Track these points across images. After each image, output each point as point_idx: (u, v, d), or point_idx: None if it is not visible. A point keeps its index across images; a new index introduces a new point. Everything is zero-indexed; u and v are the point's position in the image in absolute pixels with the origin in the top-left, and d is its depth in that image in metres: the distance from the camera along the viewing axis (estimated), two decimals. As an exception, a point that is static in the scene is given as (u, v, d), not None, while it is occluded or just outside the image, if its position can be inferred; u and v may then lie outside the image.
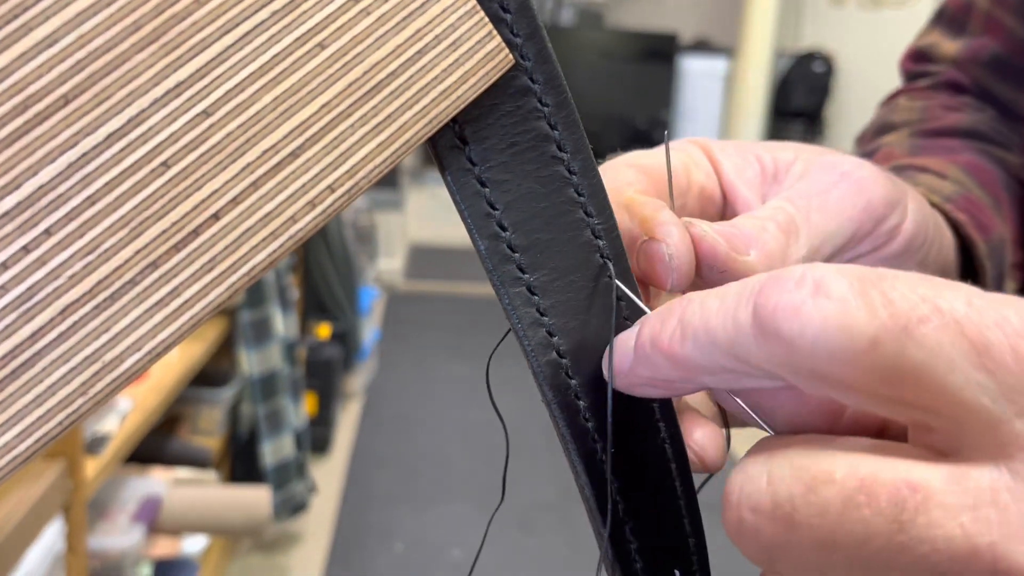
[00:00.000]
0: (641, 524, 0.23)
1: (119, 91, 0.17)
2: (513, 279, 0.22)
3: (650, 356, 0.20)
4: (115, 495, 1.56)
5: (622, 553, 0.22)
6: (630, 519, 0.23)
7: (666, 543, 0.23)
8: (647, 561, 0.23)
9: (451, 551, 2.04)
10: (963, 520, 0.15)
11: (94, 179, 0.17)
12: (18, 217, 0.17)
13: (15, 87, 0.17)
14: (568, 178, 0.22)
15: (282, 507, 1.90)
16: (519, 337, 0.22)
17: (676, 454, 0.23)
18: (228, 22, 0.18)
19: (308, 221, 0.19)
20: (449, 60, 0.20)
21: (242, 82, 0.18)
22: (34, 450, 0.17)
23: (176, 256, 0.18)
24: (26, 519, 1.01)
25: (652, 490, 0.23)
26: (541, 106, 0.22)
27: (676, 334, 0.19)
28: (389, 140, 0.19)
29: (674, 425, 0.23)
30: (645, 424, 0.23)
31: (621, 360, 0.21)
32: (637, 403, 0.22)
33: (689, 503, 0.23)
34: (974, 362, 0.15)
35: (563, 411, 0.22)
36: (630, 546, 0.23)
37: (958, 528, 0.15)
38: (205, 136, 0.18)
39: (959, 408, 0.15)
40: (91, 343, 0.17)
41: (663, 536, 0.23)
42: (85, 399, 0.17)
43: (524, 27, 0.21)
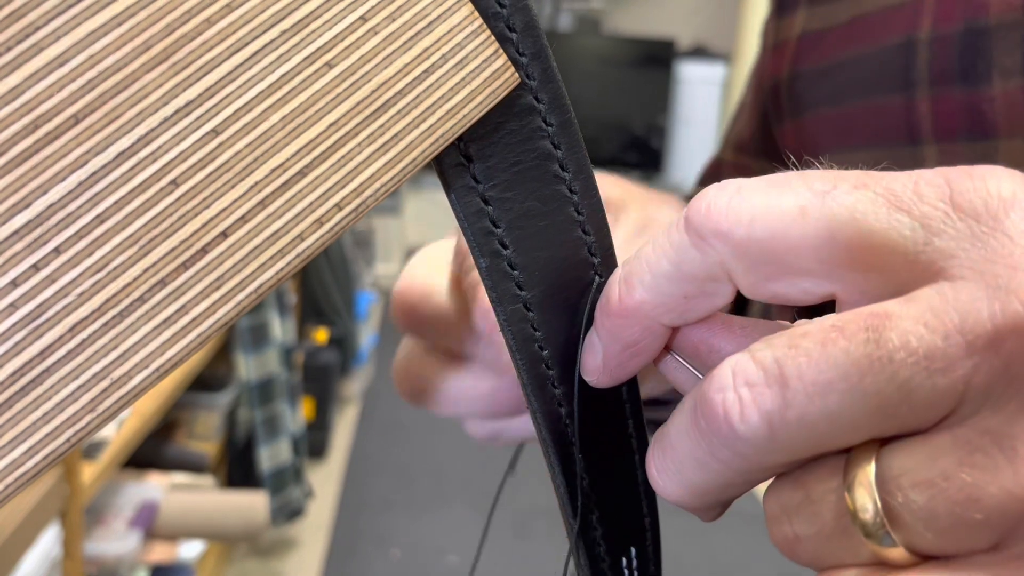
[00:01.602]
0: (605, 513, 0.24)
1: (129, 110, 0.17)
2: (512, 296, 0.22)
3: (607, 326, 0.21)
4: (112, 500, 1.56)
5: (588, 539, 0.24)
6: (597, 509, 0.24)
7: (625, 526, 0.25)
8: (609, 544, 0.24)
9: (448, 556, 2.03)
10: (926, 319, 0.16)
11: (104, 198, 0.17)
12: (28, 235, 0.17)
13: (26, 107, 0.17)
14: (569, 197, 0.22)
15: (279, 512, 1.90)
16: (511, 351, 0.23)
17: (640, 445, 0.25)
18: (237, 42, 0.18)
19: (315, 239, 0.19)
20: (456, 79, 0.20)
21: (251, 101, 0.18)
22: (42, 467, 0.17)
23: (185, 274, 0.18)
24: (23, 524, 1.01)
25: (617, 481, 0.24)
26: (545, 125, 0.22)
27: (623, 289, 0.20)
28: (396, 158, 0.20)
29: (638, 410, 0.25)
30: (617, 421, 0.24)
31: (593, 356, 0.22)
32: (612, 403, 0.24)
33: (647, 487, 0.25)
34: (889, 205, 0.17)
35: (546, 418, 0.23)
36: (595, 533, 0.24)
37: (923, 327, 0.16)
38: (214, 155, 0.18)
39: (885, 249, 0.17)
40: (100, 360, 0.18)
41: (624, 520, 0.25)
42: (93, 416, 0.18)
43: (530, 46, 0.21)
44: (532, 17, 0.21)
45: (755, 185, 0.18)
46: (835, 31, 0.40)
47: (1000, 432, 0.16)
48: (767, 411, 0.17)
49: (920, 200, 0.17)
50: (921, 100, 0.34)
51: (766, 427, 0.17)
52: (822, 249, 0.17)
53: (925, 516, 0.16)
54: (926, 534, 0.16)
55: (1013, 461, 0.15)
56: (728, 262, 0.19)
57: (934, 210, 0.17)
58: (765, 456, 0.18)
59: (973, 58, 0.33)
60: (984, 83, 0.32)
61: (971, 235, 0.16)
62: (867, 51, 0.37)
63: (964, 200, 0.17)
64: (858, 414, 0.17)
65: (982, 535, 0.16)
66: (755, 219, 0.18)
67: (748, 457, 0.18)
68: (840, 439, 0.17)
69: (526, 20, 0.21)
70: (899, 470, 0.16)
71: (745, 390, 0.17)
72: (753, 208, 0.18)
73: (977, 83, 0.32)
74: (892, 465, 0.17)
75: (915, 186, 0.17)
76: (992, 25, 0.32)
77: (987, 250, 0.16)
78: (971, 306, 0.16)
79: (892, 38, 0.36)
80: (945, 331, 0.16)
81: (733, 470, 0.18)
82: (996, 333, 0.16)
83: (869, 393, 0.16)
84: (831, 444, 0.17)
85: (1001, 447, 0.16)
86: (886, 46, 0.36)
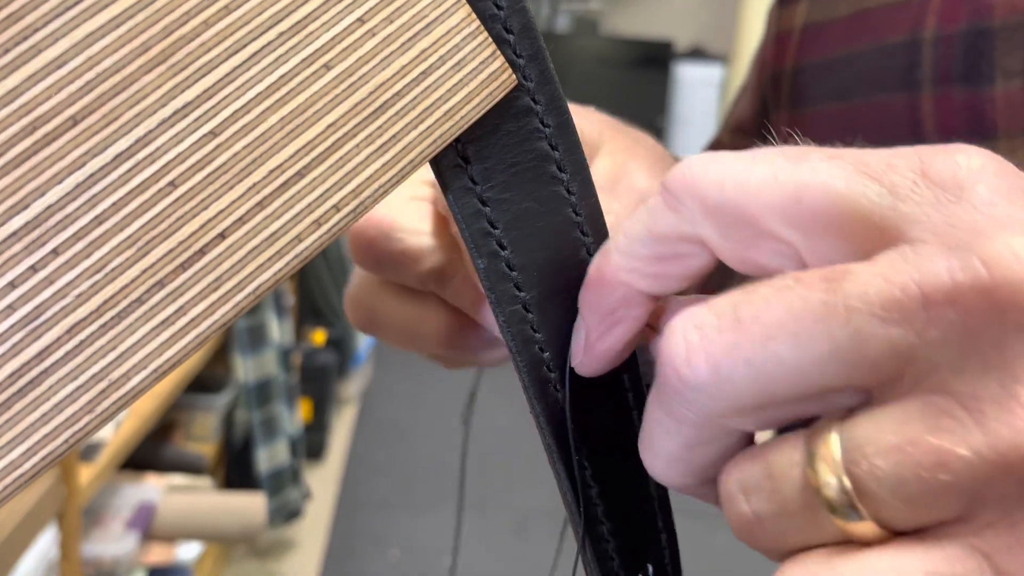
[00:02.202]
0: (617, 525, 0.24)
1: (127, 112, 0.17)
2: (510, 297, 0.22)
3: (587, 299, 0.21)
4: (109, 502, 1.56)
5: (600, 552, 0.23)
6: (608, 520, 0.24)
7: (640, 540, 0.24)
8: (623, 558, 0.24)
9: (446, 557, 2.03)
10: (885, 272, 0.16)
11: (102, 199, 0.17)
12: (26, 237, 0.17)
13: (24, 108, 0.17)
14: (567, 198, 0.22)
15: (277, 514, 1.90)
16: (512, 353, 0.23)
17: None
18: (235, 43, 0.18)
19: (313, 240, 0.19)
20: (453, 80, 0.20)
21: (249, 102, 0.18)
22: (40, 468, 0.17)
23: (183, 275, 0.18)
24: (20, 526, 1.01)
25: (628, 491, 0.24)
26: (543, 127, 0.22)
27: (599, 257, 0.21)
28: (394, 160, 0.20)
29: None
30: (624, 429, 0.24)
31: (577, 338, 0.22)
32: (618, 410, 0.24)
33: (661, 500, 0.24)
34: (860, 173, 0.17)
35: (549, 423, 0.23)
36: (607, 545, 0.24)
37: (881, 278, 0.16)
38: (212, 156, 0.18)
39: (852, 214, 0.17)
40: (98, 361, 0.18)
41: (637, 534, 0.24)
42: (92, 417, 0.18)
43: (527, 48, 0.21)
44: (529, 19, 0.21)
45: (732, 154, 0.19)
46: (837, 24, 0.40)
47: (965, 394, 0.16)
48: (713, 354, 0.17)
49: (890, 170, 0.17)
50: (925, 99, 0.34)
51: (712, 371, 0.17)
52: (790, 211, 0.17)
53: (892, 483, 0.16)
54: (894, 503, 0.16)
55: (981, 423, 0.15)
56: (701, 223, 0.19)
57: (903, 179, 0.17)
58: (714, 405, 0.17)
59: (976, 59, 0.33)
60: (987, 84, 0.32)
61: (936, 202, 0.17)
62: (870, 48, 0.38)
63: (933, 171, 0.17)
64: (809, 360, 0.16)
65: (952, 501, 0.16)
66: (728, 180, 0.18)
67: (699, 408, 0.18)
68: (790, 388, 0.17)
69: (523, 22, 0.21)
70: (863, 439, 0.16)
71: (694, 333, 0.17)
72: (727, 171, 0.18)
73: (980, 84, 0.33)
74: (856, 434, 0.16)
75: (888, 158, 0.17)
76: (996, 26, 0.32)
77: (951, 216, 0.16)
78: (930, 263, 0.16)
79: (896, 36, 0.36)
80: (903, 284, 0.16)
81: (691, 427, 0.18)
82: (954, 288, 0.16)
83: (822, 339, 0.16)
84: (781, 393, 0.17)
85: (968, 409, 0.16)
86: (890, 44, 0.36)
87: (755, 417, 0.18)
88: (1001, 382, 0.15)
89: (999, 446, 0.15)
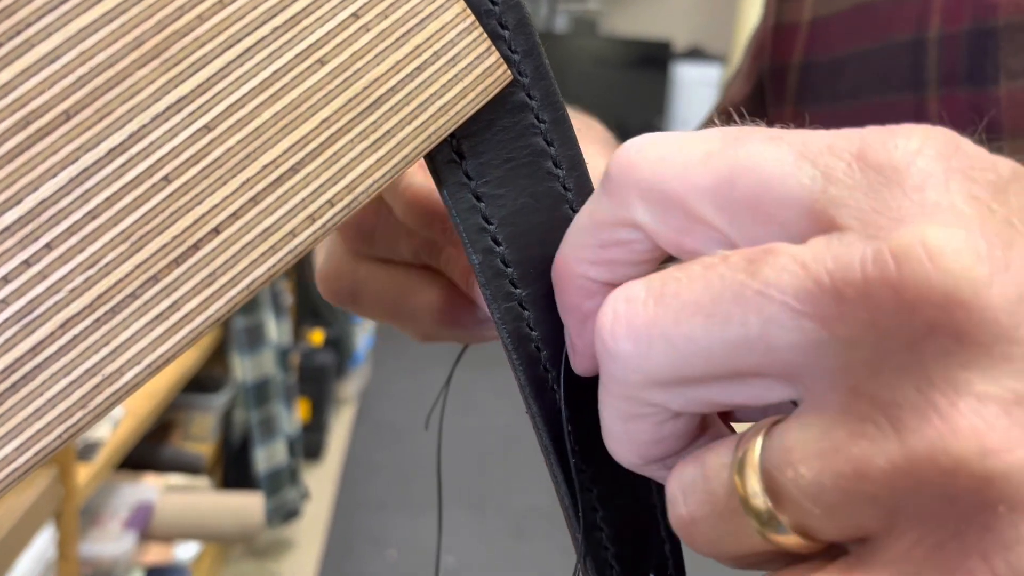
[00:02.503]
0: (617, 532, 0.23)
1: (120, 107, 0.17)
2: (506, 294, 0.22)
3: (558, 295, 0.21)
4: (107, 502, 1.56)
5: (599, 560, 0.23)
6: (607, 527, 0.23)
7: (641, 548, 0.24)
8: (623, 566, 0.23)
9: (444, 557, 2.03)
10: (805, 260, 0.15)
11: (95, 194, 0.17)
12: (19, 231, 0.17)
13: (17, 103, 0.17)
14: (563, 194, 0.22)
15: (275, 514, 1.89)
16: (508, 351, 0.22)
17: None
18: (229, 38, 0.18)
19: (307, 235, 0.19)
20: (448, 76, 0.20)
21: (243, 97, 0.18)
22: (33, 463, 0.17)
23: (176, 270, 0.18)
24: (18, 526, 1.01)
25: (628, 497, 0.23)
26: (538, 122, 0.22)
27: (557, 254, 0.21)
28: (388, 155, 0.20)
29: None
30: None
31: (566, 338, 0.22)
32: None
33: (664, 509, 0.24)
34: (797, 156, 0.17)
35: (546, 422, 0.22)
36: (605, 552, 0.23)
37: (798, 266, 0.15)
38: (206, 151, 0.18)
39: (783, 198, 0.16)
40: (91, 356, 0.17)
41: (638, 541, 0.24)
42: (85, 412, 0.18)
43: (522, 44, 0.21)
44: (524, 14, 0.21)
45: (670, 135, 0.18)
46: (841, 19, 0.40)
47: (884, 400, 0.15)
48: (634, 327, 0.17)
49: (828, 152, 0.16)
50: (931, 100, 0.34)
51: (632, 343, 0.17)
52: (721, 195, 0.17)
53: (813, 491, 0.15)
54: (814, 511, 0.15)
55: (899, 432, 0.15)
56: (636, 207, 0.18)
57: (838, 161, 0.16)
58: (634, 377, 0.17)
59: (981, 59, 0.33)
60: (991, 84, 0.32)
61: (867, 186, 0.16)
62: (876, 46, 0.37)
63: (870, 153, 0.16)
64: (720, 343, 0.16)
65: (872, 512, 0.15)
66: (660, 161, 0.18)
67: (621, 380, 0.17)
68: (703, 368, 0.16)
69: (518, 17, 0.21)
70: (791, 443, 0.16)
71: (622, 305, 0.17)
72: (661, 152, 0.18)
73: (984, 83, 0.32)
74: (785, 439, 0.16)
75: (830, 140, 0.17)
76: (1000, 26, 0.32)
77: (878, 201, 0.16)
78: (846, 254, 0.15)
79: (901, 35, 0.36)
80: (817, 275, 0.15)
81: (619, 399, 0.18)
82: (864, 283, 0.15)
83: (734, 323, 0.16)
84: (694, 372, 0.17)
85: (888, 416, 0.15)
86: (895, 43, 0.36)
87: (675, 394, 0.17)
88: (918, 388, 0.15)
89: (915, 458, 0.14)
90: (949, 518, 0.14)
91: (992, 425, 0.14)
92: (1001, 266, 0.15)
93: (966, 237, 0.15)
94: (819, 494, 0.15)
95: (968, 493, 0.14)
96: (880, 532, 0.15)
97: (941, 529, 0.15)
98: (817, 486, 0.15)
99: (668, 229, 0.18)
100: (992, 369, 0.14)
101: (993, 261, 0.15)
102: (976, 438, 0.14)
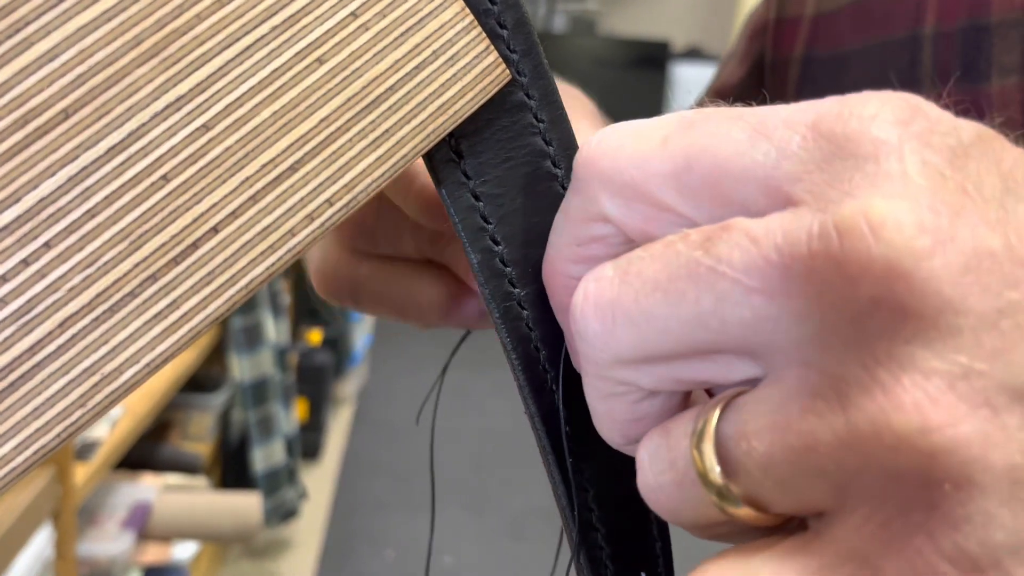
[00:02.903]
0: (611, 531, 0.23)
1: (119, 105, 0.17)
2: (504, 294, 0.22)
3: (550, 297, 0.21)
4: (105, 501, 1.56)
5: (594, 560, 0.23)
6: (602, 526, 0.23)
7: (634, 548, 0.24)
8: (618, 566, 0.23)
9: (442, 557, 2.03)
10: (757, 236, 0.15)
11: (94, 192, 0.17)
12: (18, 230, 0.17)
13: (16, 101, 0.17)
14: (561, 194, 0.22)
15: (273, 513, 1.89)
16: (507, 351, 0.22)
17: None
18: (228, 37, 0.18)
19: (306, 234, 0.19)
20: (447, 75, 0.20)
21: (242, 96, 0.18)
22: (32, 462, 0.17)
23: (175, 269, 0.18)
24: (15, 525, 1.01)
25: (623, 497, 0.23)
26: (536, 122, 0.22)
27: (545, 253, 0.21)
28: (387, 154, 0.20)
29: None
30: None
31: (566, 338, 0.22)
32: None
33: None
34: (753, 133, 0.16)
35: (544, 422, 0.23)
36: (601, 552, 0.23)
37: (749, 242, 0.15)
38: (205, 150, 0.18)
39: (740, 177, 0.16)
40: (90, 355, 0.17)
41: (632, 541, 0.24)
42: (84, 411, 0.18)
43: (521, 43, 0.21)
44: (523, 14, 0.21)
45: (631, 123, 0.18)
46: (842, 14, 0.40)
47: (834, 374, 0.15)
48: (600, 306, 0.17)
49: (783, 125, 0.16)
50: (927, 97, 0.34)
51: (598, 322, 0.17)
52: (680, 179, 0.17)
53: (764, 464, 0.15)
54: (765, 483, 0.15)
55: (845, 407, 0.14)
56: (602, 200, 0.18)
57: (793, 134, 0.16)
58: (601, 355, 0.17)
59: (975, 56, 0.33)
60: (984, 81, 0.32)
61: (821, 158, 0.16)
62: (874, 43, 0.38)
63: (825, 124, 0.16)
64: (675, 320, 0.16)
65: (822, 487, 0.15)
66: (618, 151, 0.18)
67: (592, 358, 0.18)
68: (664, 346, 0.17)
69: (517, 17, 0.21)
70: (746, 416, 0.16)
71: (592, 284, 0.17)
72: (619, 140, 0.18)
73: (978, 80, 0.33)
74: (741, 412, 0.16)
75: (786, 113, 0.16)
76: (994, 23, 0.32)
77: (830, 174, 0.15)
78: (795, 229, 0.15)
79: (898, 32, 0.36)
80: (767, 251, 0.15)
81: (593, 377, 0.18)
82: (809, 258, 0.15)
83: (689, 300, 0.16)
84: (656, 350, 0.17)
85: (836, 391, 0.15)
86: (893, 40, 0.36)
87: (643, 372, 0.17)
88: (863, 364, 0.14)
89: (860, 434, 0.14)
90: (896, 495, 0.14)
91: (935, 400, 0.14)
92: (946, 236, 0.14)
93: (910, 208, 0.14)
94: (769, 467, 0.15)
95: (913, 470, 0.14)
96: (832, 508, 0.15)
97: (888, 506, 0.14)
98: (768, 459, 0.15)
99: (635, 218, 0.18)
100: (936, 343, 0.14)
101: (937, 232, 0.14)
102: (919, 413, 0.14)
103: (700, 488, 0.16)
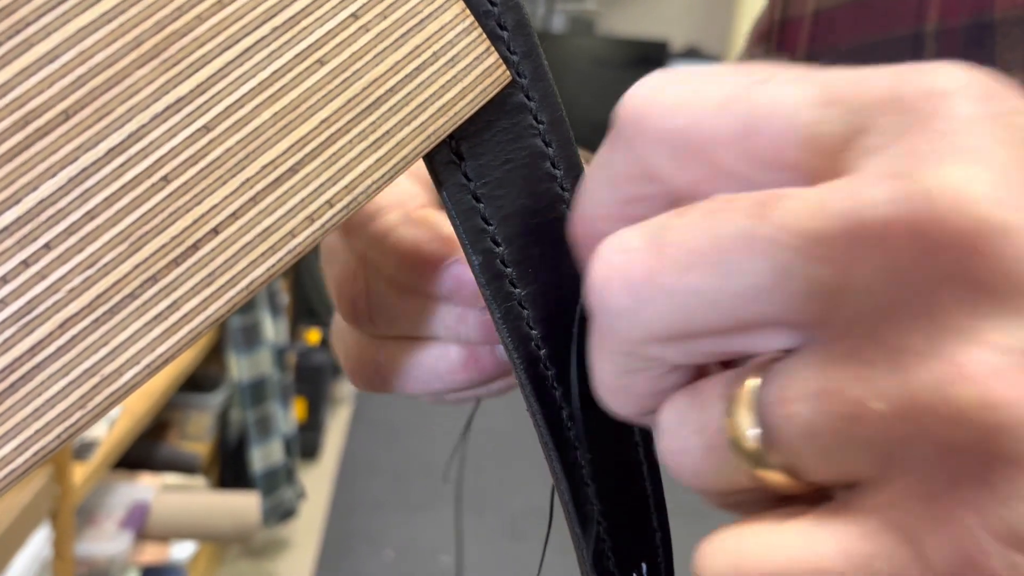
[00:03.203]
0: (613, 525, 0.24)
1: (119, 106, 0.17)
2: (505, 294, 0.22)
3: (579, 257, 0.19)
4: (103, 501, 1.55)
5: (596, 551, 0.24)
6: (604, 520, 0.24)
7: (635, 539, 0.24)
8: (619, 558, 0.24)
9: (441, 557, 2.03)
10: (820, 205, 0.14)
11: (94, 194, 0.17)
12: (18, 231, 0.17)
13: (16, 102, 0.17)
14: (561, 195, 0.22)
15: (271, 513, 1.89)
16: (508, 350, 0.23)
17: (647, 455, 0.24)
18: (229, 38, 0.18)
19: (306, 236, 0.19)
20: (447, 76, 0.20)
21: (242, 97, 0.18)
22: (31, 464, 0.17)
23: (175, 270, 0.18)
24: (13, 525, 1.01)
25: (624, 490, 0.24)
26: (536, 123, 0.22)
27: (573, 211, 0.19)
28: (387, 156, 0.20)
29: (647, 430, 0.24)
30: (621, 426, 0.24)
31: None
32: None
33: (657, 501, 0.24)
34: (823, 99, 0.15)
35: (546, 419, 0.23)
36: (604, 545, 0.24)
37: (812, 208, 0.14)
38: (205, 151, 0.18)
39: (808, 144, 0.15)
40: (90, 357, 0.17)
41: (632, 532, 0.24)
42: (83, 412, 0.18)
43: (521, 45, 0.21)
44: (523, 15, 0.21)
45: (682, 76, 0.17)
46: (845, 11, 0.40)
47: (891, 345, 0.14)
48: (632, 280, 0.16)
49: (858, 92, 0.15)
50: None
51: (629, 298, 0.16)
52: (742, 143, 0.16)
53: (807, 430, 0.15)
54: (805, 449, 0.15)
55: (900, 378, 0.14)
56: (652, 158, 0.17)
57: (868, 100, 0.15)
58: (632, 332, 0.16)
59: (978, 53, 0.32)
60: None
61: (898, 126, 0.15)
62: (877, 40, 0.37)
63: (904, 91, 0.15)
64: (728, 295, 0.15)
65: (865, 457, 0.14)
66: (674, 107, 0.17)
67: (618, 335, 0.17)
68: (709, 321, 0.15)
69: (517, 18, 0.21)
70: (789, 382, 0.15)
71: (618, 257, 0.16)
72: (674, 97, 0.17)
73: None
74: (783, 377, 0.15)
75: (860, 79, 0.15)
76: (997, 20, 0.32)
77: (909, 142, 0.14)
78: (868, 195, 0.14)
79: (900, 28, 0.36)
80: (831, 217, 0.14)
81: (616, 354, 0.17)
82: (884, 226, 0.14)
83: (742, 272, 0.15)
84: (699, 326, 0.16)
85: (891, 361, 0.14)
86: (896, 37, 0.36)
87: (676, 348, 0.16)
88: (927, 335, 0.14)
89: (916, 405, 0.14)
90: (946, 468, 0.14)
91: (1000, 376, 0.13)
92: None
93: (992, 181, 0.14)
94: (812, 434, 0.15)
95: (969, 444, 0.13)
96: (871, 478, 0.15)
97: (935, 479, 0.14)
98: (811, 426, 0.15)
99: (690, 178, 0.17)
100: (1006, 320, 0.14)
101: (1020, 209, 0.14)
102: (982, 387, 0.13)
103: (730, 453, 0.16)
